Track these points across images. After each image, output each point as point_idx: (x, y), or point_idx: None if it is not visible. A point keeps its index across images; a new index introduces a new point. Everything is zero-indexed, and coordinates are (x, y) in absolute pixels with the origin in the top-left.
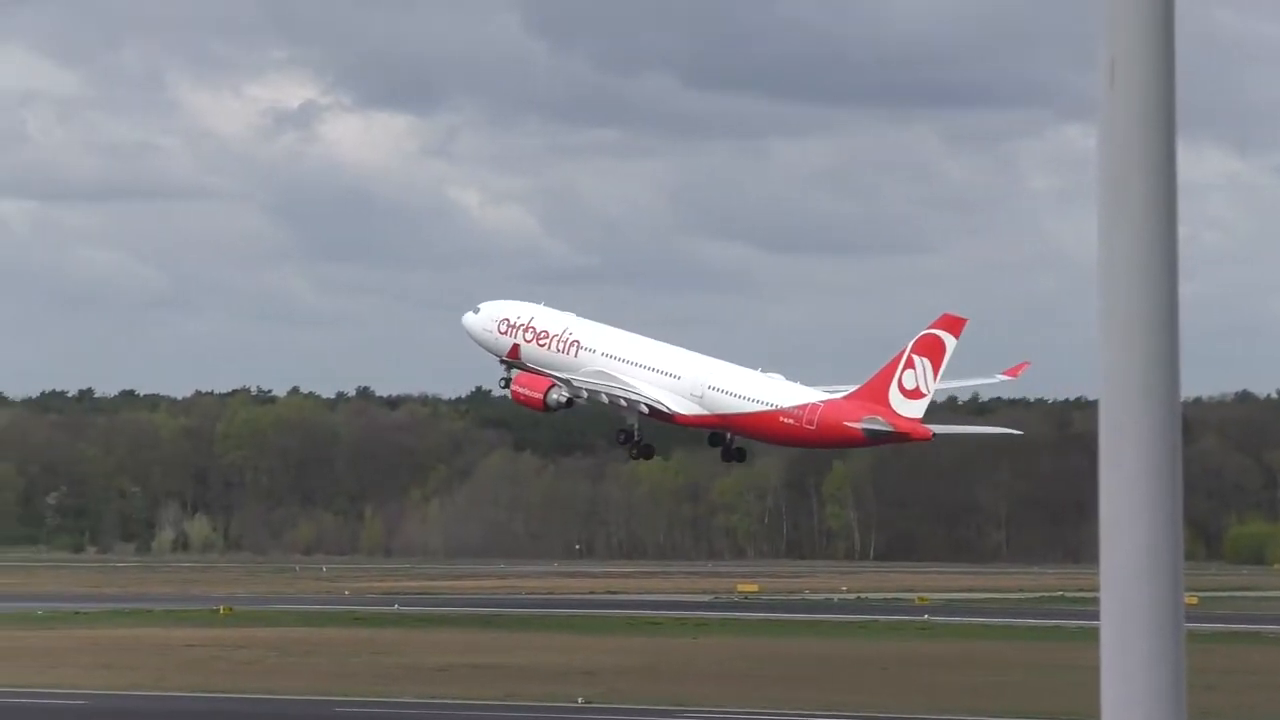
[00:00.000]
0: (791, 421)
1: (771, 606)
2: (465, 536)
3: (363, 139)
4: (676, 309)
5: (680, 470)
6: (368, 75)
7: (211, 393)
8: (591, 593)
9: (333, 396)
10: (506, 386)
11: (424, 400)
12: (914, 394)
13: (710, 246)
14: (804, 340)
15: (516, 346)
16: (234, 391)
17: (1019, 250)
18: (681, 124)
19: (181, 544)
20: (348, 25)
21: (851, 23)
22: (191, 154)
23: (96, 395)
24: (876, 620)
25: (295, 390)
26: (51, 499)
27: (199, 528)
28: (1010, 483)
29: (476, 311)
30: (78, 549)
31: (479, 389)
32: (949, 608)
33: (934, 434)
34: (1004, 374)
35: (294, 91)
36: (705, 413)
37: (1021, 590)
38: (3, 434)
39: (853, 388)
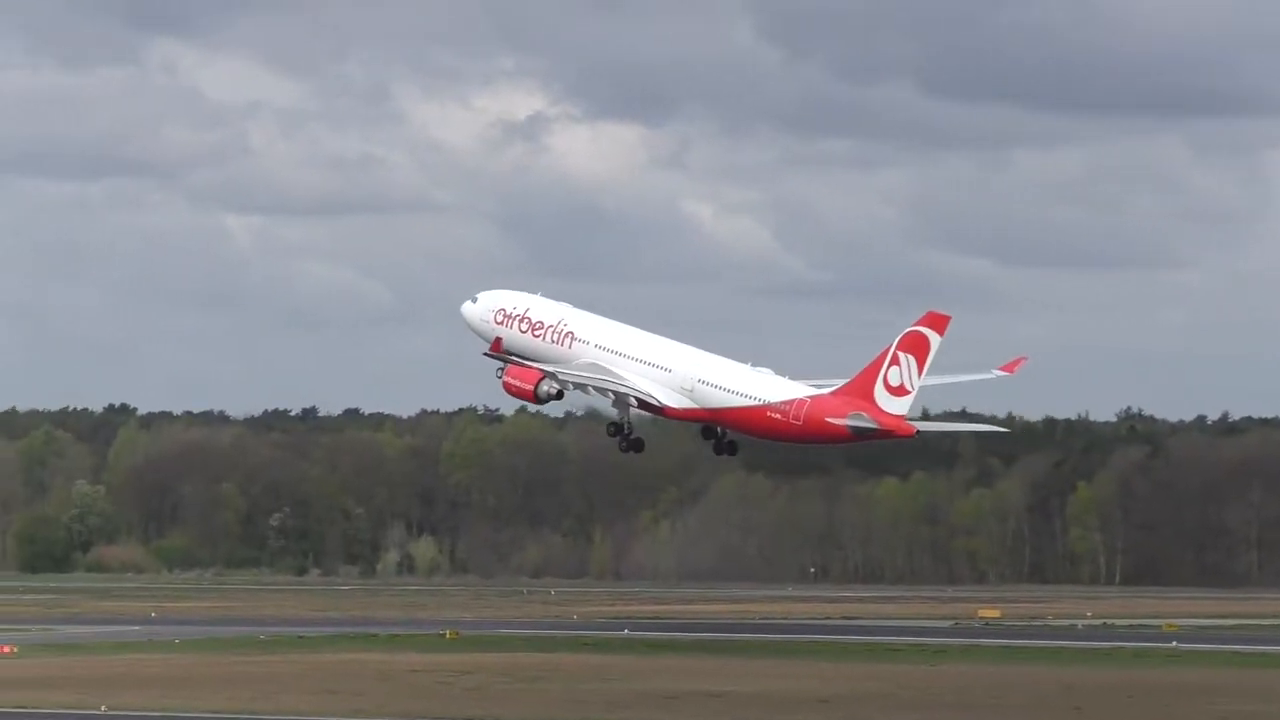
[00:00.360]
0: (778, 417)
1: (1013, 633)
2: (696, 559)
3: (592, 150)
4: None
5: (919, 491)
6: (597, 85)
7: (437, 411)
8: (827, 618)
9: (561, 415)
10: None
11: (654, 420)
12: (899, 391)
13: (949, 260)
14: (1046, 358)
15: (499, 340)
16: (460, 410)
17: (1276, 262)
18: (920, 133)
19: (406, 566)
20: (577, 34)
21: (1097, 30)
22: (417, 167)
23: (320, 414)
24: (1122, 647)
25: (523, 409)
26: (274, 520)
27: (424, 550)
28: (1261, 504)
29: (474, 301)
30: (301, 571)
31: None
32: (1198, 634)
33: (917, 431)
34: (1000, 369)
35: (522, 102)
36: (695, 406)
37: (1275, 616)
38: (225, 454)
39: (841, 382)
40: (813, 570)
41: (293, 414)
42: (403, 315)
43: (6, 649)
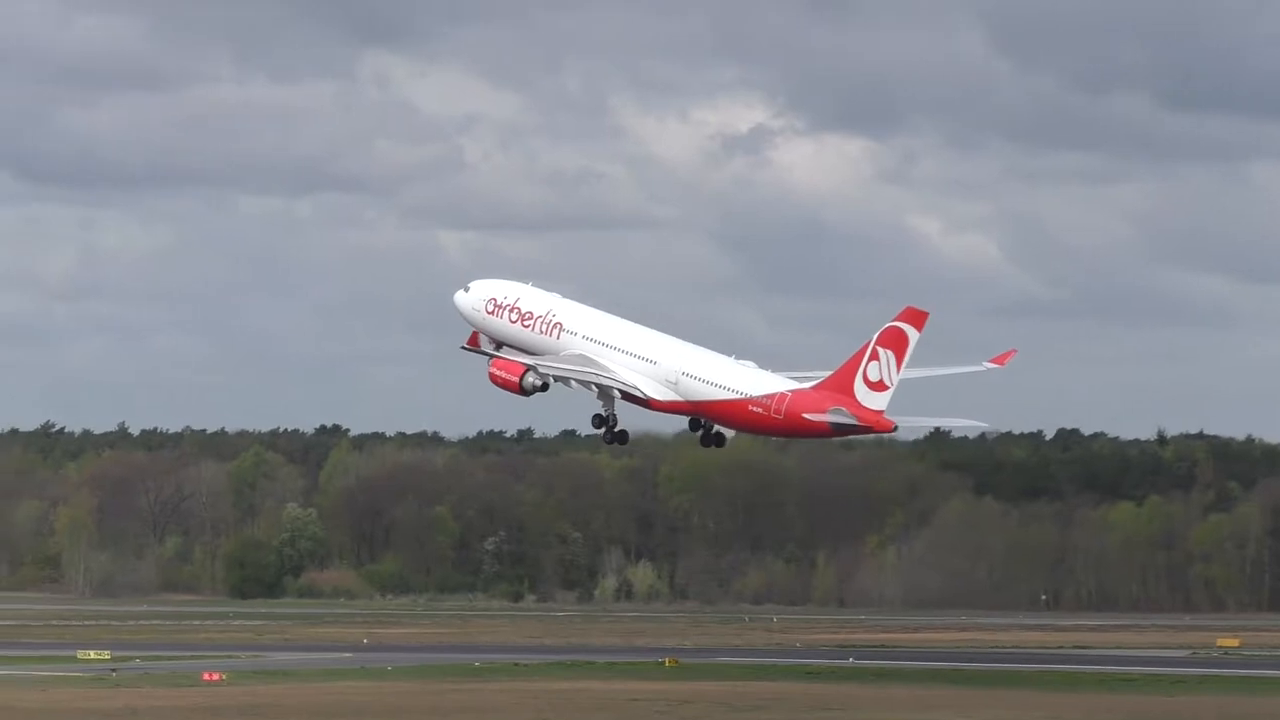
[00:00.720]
0: (760, 410)
1: (1254, 663)
2: (923, 586)
3: (816, 164)
4: (1149, 344)
5: (1155, 516)
6: (821, 96)
7: (656, 433)
8: (1058, 647)
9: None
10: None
11: (880, 441)
12: (878, 386)
13: (1185, 278)
14: None
15: (476, 334)
16: (679, 432)
17: None
18: (1156, 146)
19: (625, 592)
20: (801, 44)
21: None
22: (636, 181)
23: (536, 435)
24: None
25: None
26: (489, 544)
27: (643, 575)
28: None
29: (467, 290)
30: (516, 597)
31: (937, 430)
32: None
33: (896, 426)
34: (990, 362)
35: (743, 114)
36: (679, 399)
37: None
38: (439, 476)
39: (824, 375)
40: (1044, 597)
41: (508, 435)
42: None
43: (216, 676)
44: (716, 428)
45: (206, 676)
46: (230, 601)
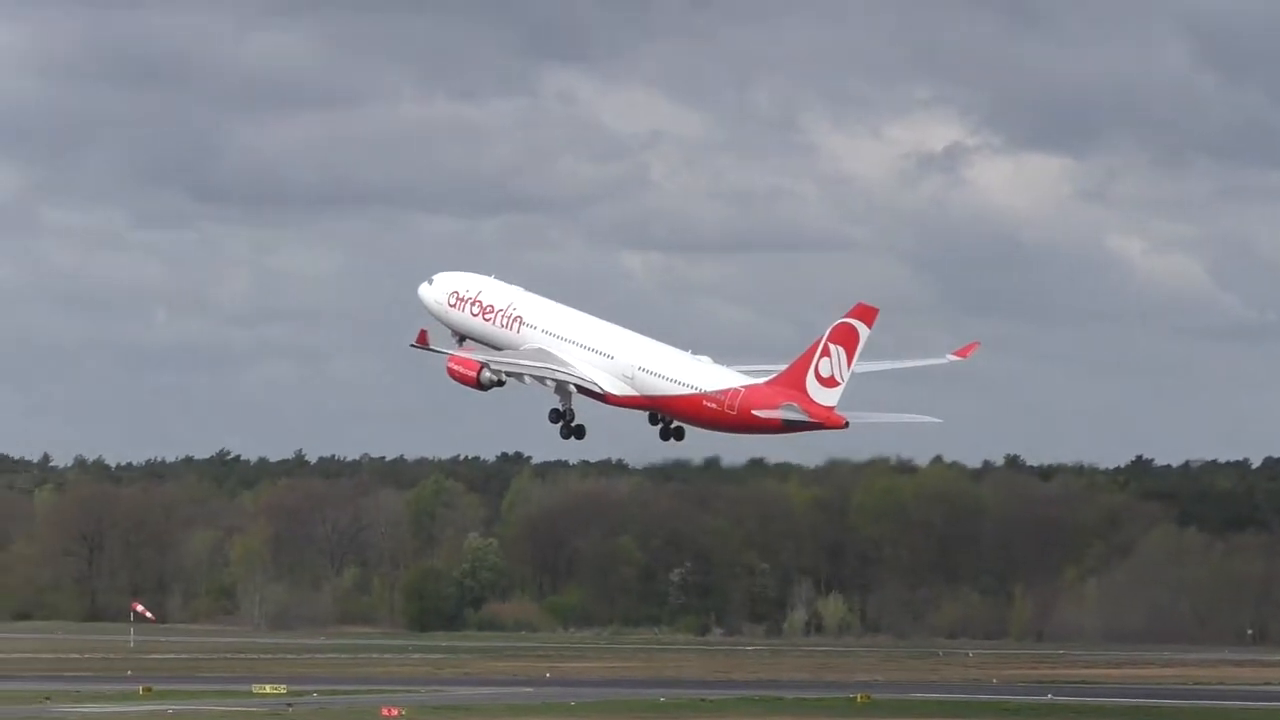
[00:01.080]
0: (714, 406)
1: None
2: (1125, 620)
3: (1013, 183)
4: None
5: None
6: (1019, 113)
7: (846, 461)
8: (1265, 683)
9: (978, 466)
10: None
11: (1079, 470)
12: (829, 382)
13: None
14: None
15: (424, 332)
16: (871, 460)
17: None
18: None
19: (815, 625)
20: (997, 60)
21: None
22: (827, 201)
23: (724, 464)
24: None
25: (938, 459)
26: (675, 575)
27: (833, 607)
28: None
29: (430, 283)
30: (703, 630)
31: (1139, 458)
32: None
33: (847, 422)
34: (953, 354)
35: (938, 132)
36: (636, 394)
37: None
38: (624, 505)
39: (780, 367)
40: (1250, 632)
41: (694, 463)
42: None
43: (394, 712)
44: (675, 423)
45: (385, 712)
46: (409, 634)
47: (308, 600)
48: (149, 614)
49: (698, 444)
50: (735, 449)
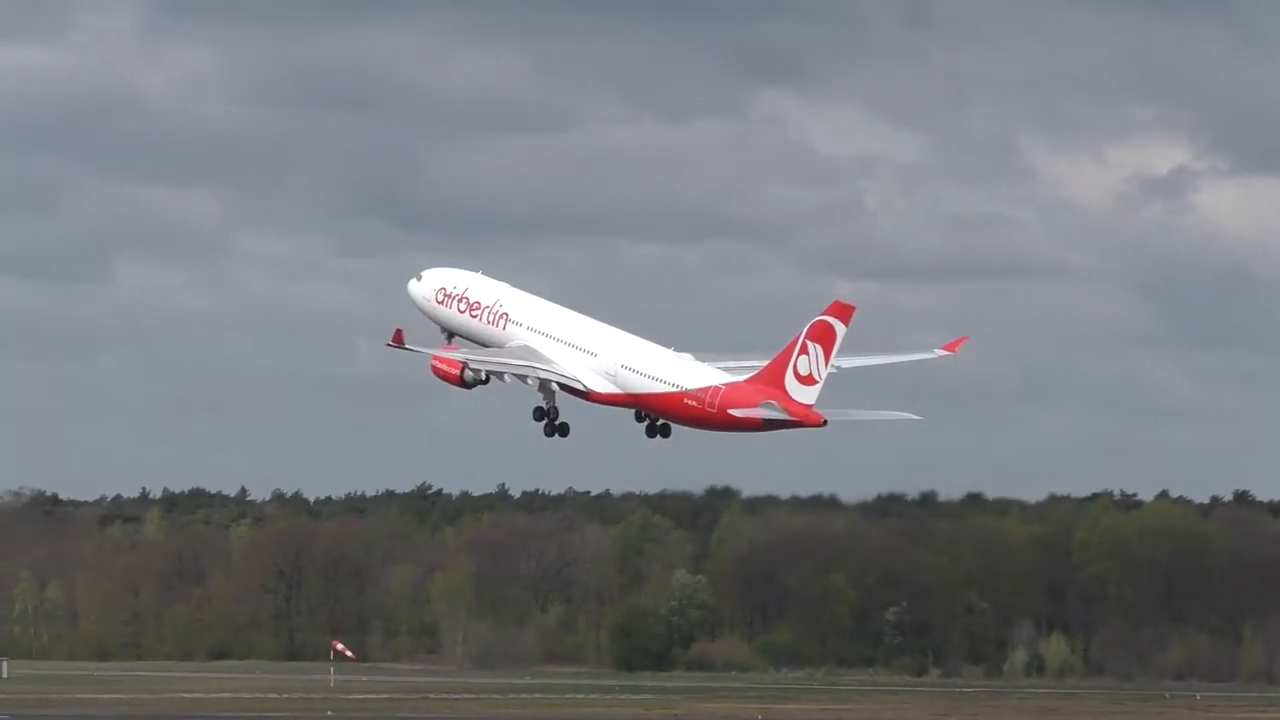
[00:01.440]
0: (694, 403)
1: None
2: None
3: (1242, 208)
4: None
5: None
6: (1249, 135)
7: (1068, 496)
8: None
9: (1206, 501)
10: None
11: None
12: (807, 380)
13: None
14: None
15: (400, 331)
16: (1093, 496)
17: None
18: None
19: (1036, 667)
20: (1224, 80)
21: None
22: (1046, 227)
23: (940, 499)
24: None
25: (1164, 494)
26: (890, 615)
27: (1055, 648)
28: None
29: (419, 279)
30: (919, 671)
31: None
32: None
33: (826, 420)
34: (942, 349)
35: (1163, 155)
36: (618, 391)
37: None
38: (836, 541)
39: (759, 364)
40: None
41: (910, 498)
42: (1030, 390)
43: None
44: (661, 421)
45: None
46: (616, 674)
47: (511, 638)
48: (349, 652)
49: (913, 478)
50: (949, 482)
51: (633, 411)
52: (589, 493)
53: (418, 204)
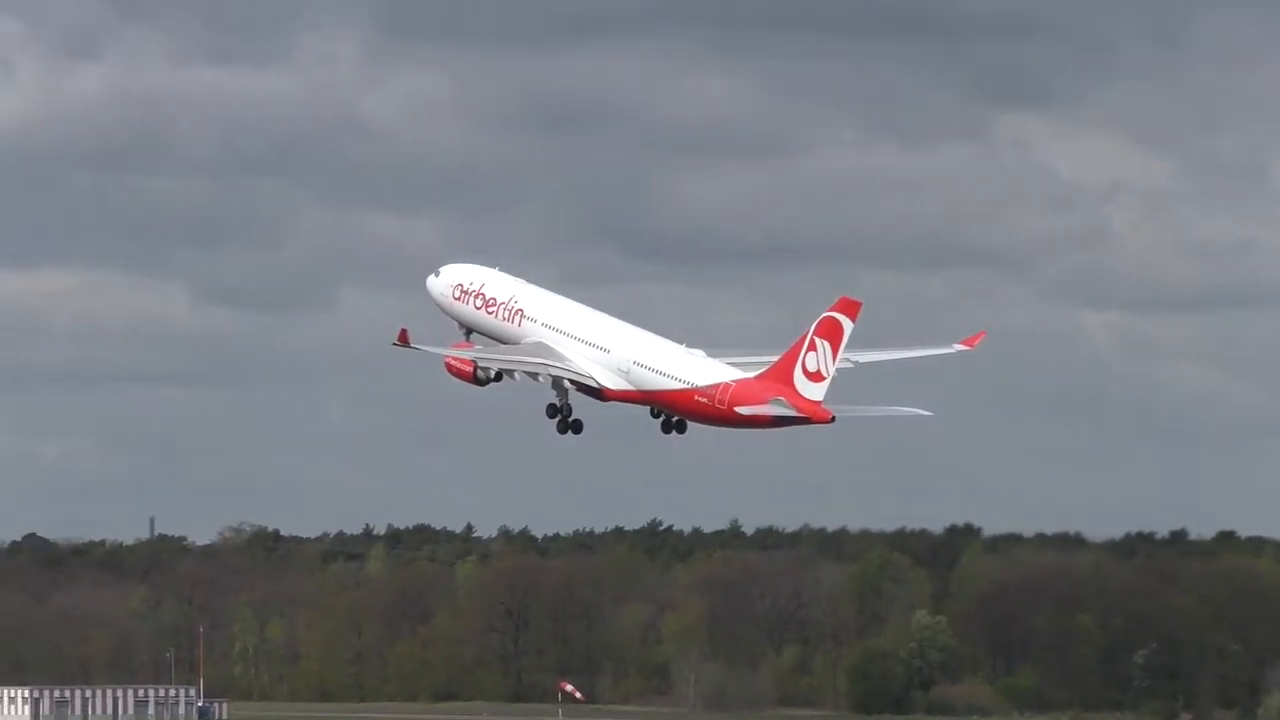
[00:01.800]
0: (705, 400)
1: None
2: None
3: None
4: None
5: None
6: None
7: None
8: None
9: None
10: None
11: None
12: (815, 376)
13: None
14: None
15: (404, 331)
16: None
17: None
18: None
19: None
20: None
21: None
22: None
23: (1191, 537)
24: None
25: None
26: (1139, 657)
27: None
28: None
29: (437, 275)
30: (1169, 715)
31: None
32: None
33: (834, 416)
34: (960, 344)
35: None
36: (631, 388)
37: None
38: (1083, 581)
39: (770, 358)
40: None
41: (1159, 536)
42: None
43: None
44: (675, 417)
45: None
46: (854, 717)
47: (745, 680)
48: (578, 694)
49: (1163, 515)
50: (1201, 520)
51: (648, 409)
52: (825, 529)
53: (647, 232)
